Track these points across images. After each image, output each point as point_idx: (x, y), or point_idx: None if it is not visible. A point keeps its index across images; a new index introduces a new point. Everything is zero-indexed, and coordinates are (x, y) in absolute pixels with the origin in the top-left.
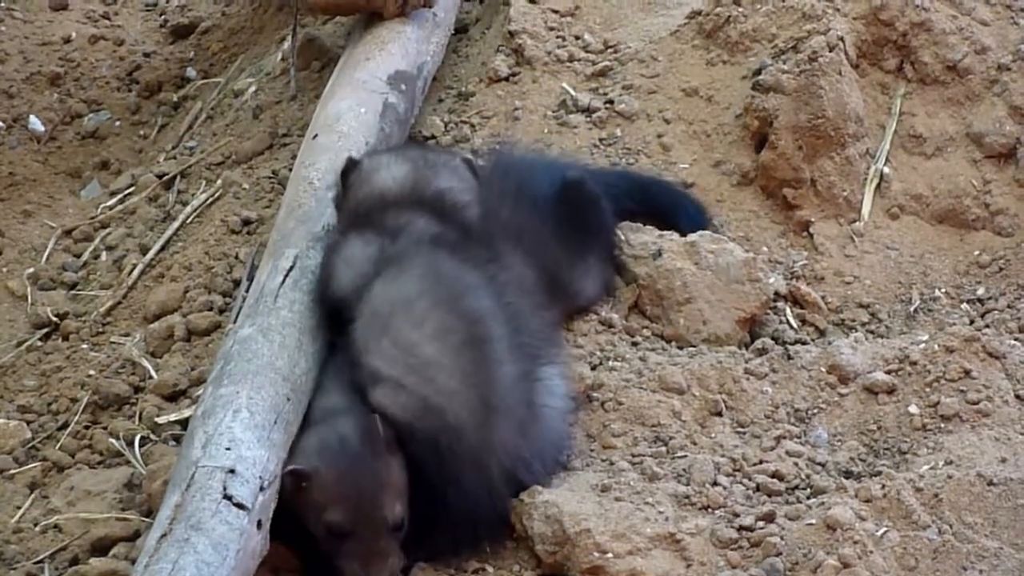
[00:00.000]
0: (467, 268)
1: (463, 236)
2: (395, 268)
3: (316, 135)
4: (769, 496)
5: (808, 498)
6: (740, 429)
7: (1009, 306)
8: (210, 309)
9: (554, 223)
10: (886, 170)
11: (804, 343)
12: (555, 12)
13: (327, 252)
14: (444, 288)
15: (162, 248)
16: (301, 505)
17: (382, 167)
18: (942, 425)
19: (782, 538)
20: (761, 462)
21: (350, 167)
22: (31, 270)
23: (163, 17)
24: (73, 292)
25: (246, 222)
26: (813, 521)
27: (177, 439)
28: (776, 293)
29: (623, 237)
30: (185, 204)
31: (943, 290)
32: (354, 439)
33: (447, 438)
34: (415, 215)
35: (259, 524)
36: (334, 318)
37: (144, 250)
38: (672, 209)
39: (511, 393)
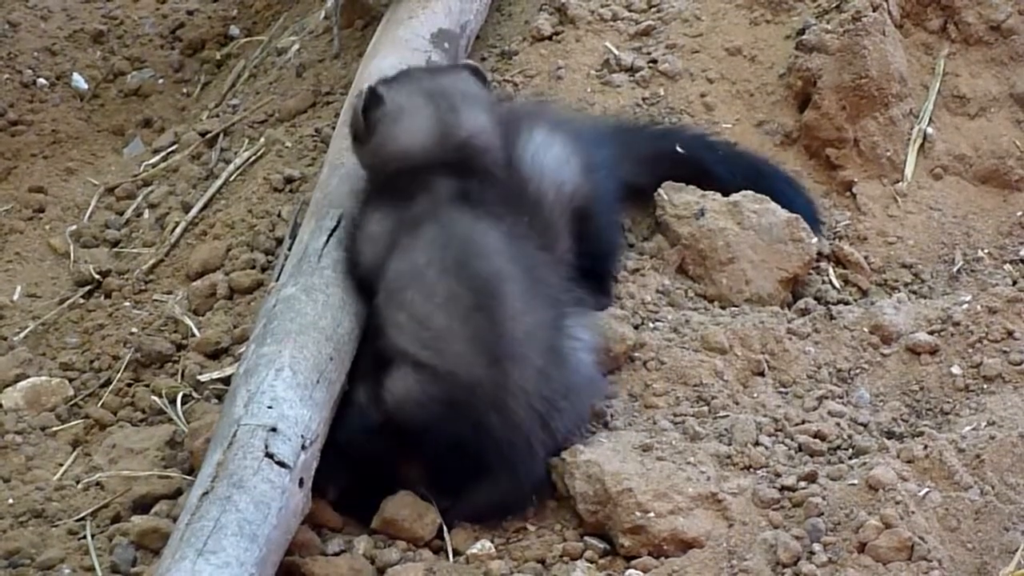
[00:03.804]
0: (481, 225)
1: (485, 184)
2: (408, 237)
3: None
4: (811, 456)
5: (850, 458)
6: (782, 389)
7: None
8: (252, 267)
9: None
10: (929, 130)
11: (847, 303)
12: None
13: (352, 229)
14: (451, 253)
15: (205, 206)
16: None
17: (405, 116)
18: (984, 386)
19: (824, 498)
20: (803, 422)
21: (372, 102)
22: (74, 227)
23: None
24: (116, 250)
25: (289, 180)
26: (855, 481)
27: (219, 397)
28: (819, 253)
29: (666, 197)
30: (228, 162)
31: (986, 251)
32: None
33: (463, 393)
34: (437, 175)
35: (301, 482)
36: (364, 292)
37: (187, 208)
38: (781, 193)
39: (527, 342)
